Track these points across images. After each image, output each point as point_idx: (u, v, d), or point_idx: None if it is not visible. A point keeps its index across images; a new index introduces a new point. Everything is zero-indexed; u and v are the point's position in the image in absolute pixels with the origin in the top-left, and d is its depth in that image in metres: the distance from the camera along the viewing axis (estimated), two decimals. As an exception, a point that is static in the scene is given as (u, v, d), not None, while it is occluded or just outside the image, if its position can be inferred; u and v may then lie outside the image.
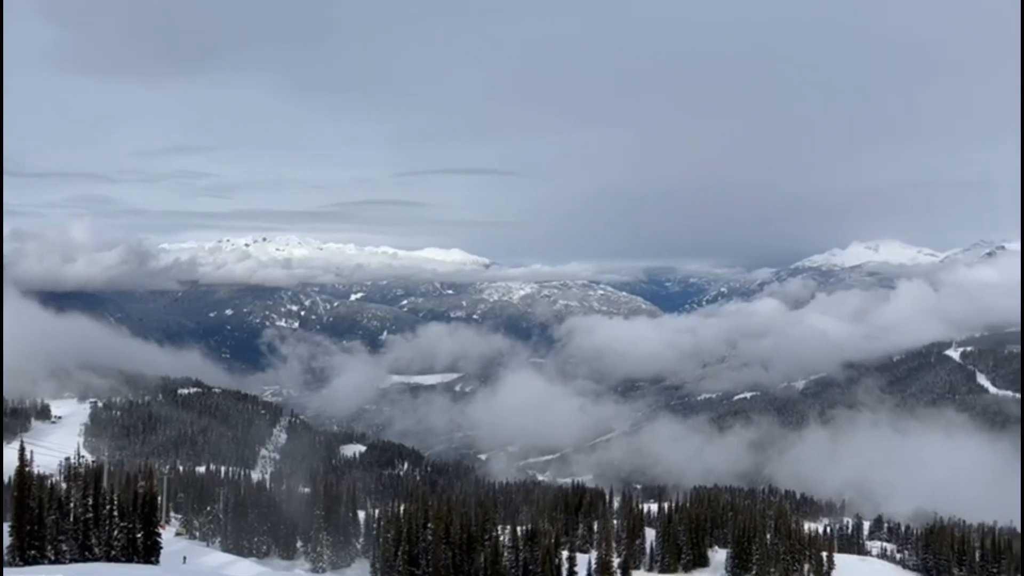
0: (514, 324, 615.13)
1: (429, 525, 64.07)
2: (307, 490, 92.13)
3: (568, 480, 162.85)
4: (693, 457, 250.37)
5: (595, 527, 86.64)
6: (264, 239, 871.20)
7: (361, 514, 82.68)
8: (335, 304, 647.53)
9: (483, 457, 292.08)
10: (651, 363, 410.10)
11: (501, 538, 68.18)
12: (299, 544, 76.54)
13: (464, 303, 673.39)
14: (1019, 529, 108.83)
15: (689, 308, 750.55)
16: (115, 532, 50.28)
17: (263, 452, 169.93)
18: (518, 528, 71.46)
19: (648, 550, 79.20)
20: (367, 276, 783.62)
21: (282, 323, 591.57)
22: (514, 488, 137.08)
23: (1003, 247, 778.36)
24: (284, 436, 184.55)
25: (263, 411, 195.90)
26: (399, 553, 63.09)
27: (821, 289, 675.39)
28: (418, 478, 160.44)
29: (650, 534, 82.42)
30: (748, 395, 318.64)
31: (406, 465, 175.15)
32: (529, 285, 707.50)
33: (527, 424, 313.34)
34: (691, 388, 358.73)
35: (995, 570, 71.95)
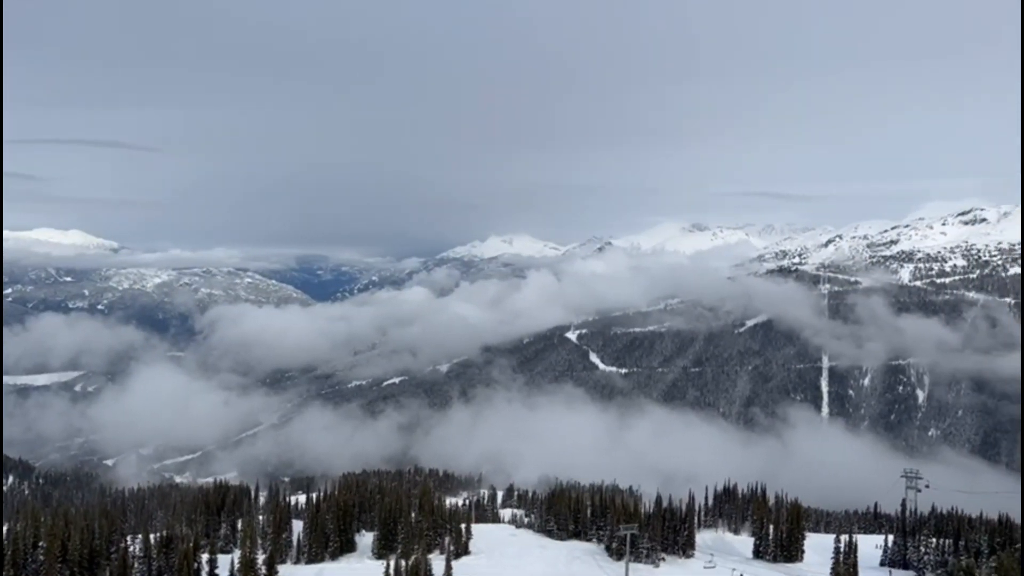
0: (149, 315, 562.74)
1: (41, 544, 56.24)
2: None
3: (210, 479, 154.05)
4: (344, 444, 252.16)
5: (239, 525, 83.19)
6: None
7: (-53, 542, 69.52)
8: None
9: (110, 463, 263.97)
10: (302, 353, 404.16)
11: (131, 548, 62.43)
12: None
13: (87, 292, 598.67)
14: (622, 485, 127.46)
15: (341, 296, 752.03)
16: None
17: None
18: (151, 536, 65.83)
19: (296, 542, 78.04)
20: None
21: None
22: (147, 493, 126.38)
23: (610, 243, 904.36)
24: None
25: None
26: (0, 581, 54.39)
27: (464, 278, 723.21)
28: (27, 492, 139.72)
29: (298, 526, 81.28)
30: (397, 380, 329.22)
31: (11, 479, 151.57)
32: (166, 272, 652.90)
33: (163, 423, 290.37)
34: (343, 376, 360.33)
35: (601, 522, 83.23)
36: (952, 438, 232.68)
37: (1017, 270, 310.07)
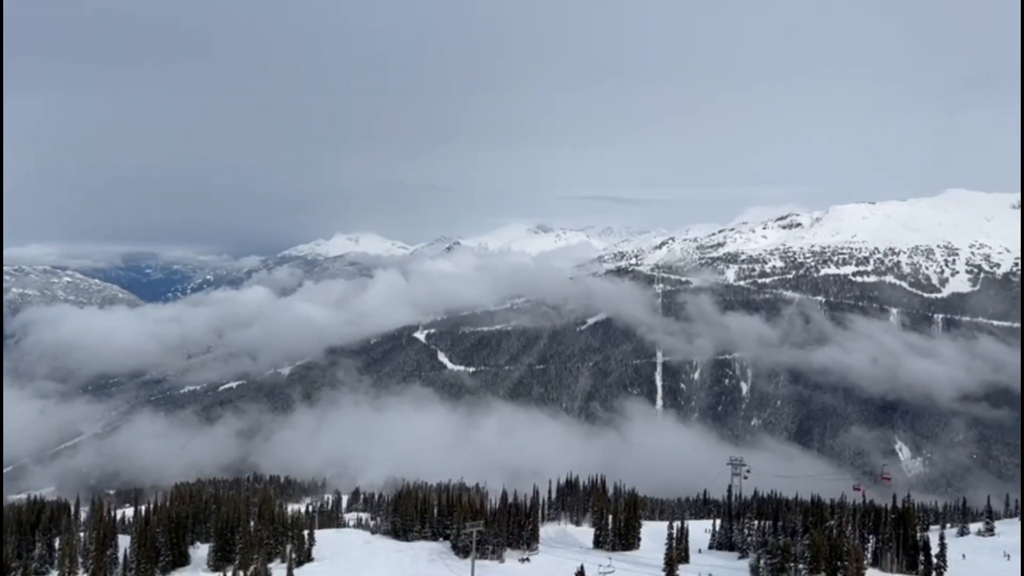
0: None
1: None
2: None
3: (23, 496, 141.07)
4: (177, 453, 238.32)
5: (57, 544, 76.94)
6: None
7: None
8: None
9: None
10: (129, 356, 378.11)
11: (-75, 578, 56.08)
12: None
13: None
14: (469, 483, 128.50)
15: (173, 297, 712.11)
16: None
17: None
18: (-49, 562, 59.46)
19: (123, 559, 73.06)
20: None
21: None
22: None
23: (458, 243, 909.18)
24: None
25: None
26: None
27: (308, 277, 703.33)
28: None
29: (125, 541, 76.17)
30: (235, 384, 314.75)
31: None
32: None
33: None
34: (175, 381, 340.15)
35: (448, 521, 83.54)
36: (772, 426, 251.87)
37: (828, 271, 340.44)
